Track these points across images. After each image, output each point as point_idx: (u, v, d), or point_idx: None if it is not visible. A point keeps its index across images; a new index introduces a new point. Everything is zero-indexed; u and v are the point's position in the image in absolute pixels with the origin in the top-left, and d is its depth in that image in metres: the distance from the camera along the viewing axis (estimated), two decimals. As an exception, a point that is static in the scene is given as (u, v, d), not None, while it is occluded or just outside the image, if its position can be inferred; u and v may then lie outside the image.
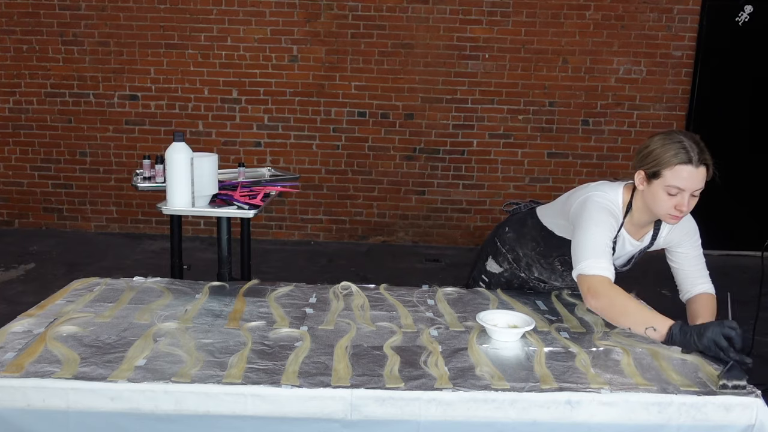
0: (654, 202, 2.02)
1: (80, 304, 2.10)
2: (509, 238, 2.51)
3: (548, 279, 2.46)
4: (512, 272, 2.52)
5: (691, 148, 1.95)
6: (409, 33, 6.00)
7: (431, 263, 5.80)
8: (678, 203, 1.97)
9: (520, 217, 2.52)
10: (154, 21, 5.99)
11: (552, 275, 2.43)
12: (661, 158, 1.97)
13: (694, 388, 1.64)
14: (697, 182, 1.97)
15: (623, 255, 2.24)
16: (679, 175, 1.95)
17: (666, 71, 6.05)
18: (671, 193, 1.97)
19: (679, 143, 1.96)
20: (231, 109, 6.14)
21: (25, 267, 5.24)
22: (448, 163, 6.22)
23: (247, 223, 3.53)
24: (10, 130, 6.22)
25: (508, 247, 2.51)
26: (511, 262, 2.51)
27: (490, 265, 2.58)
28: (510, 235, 2.51)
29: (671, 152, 1.96)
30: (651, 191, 2.02)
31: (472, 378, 1.66)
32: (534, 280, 2.48)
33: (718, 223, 6.26)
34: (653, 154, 1.99)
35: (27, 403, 1.56)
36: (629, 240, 2.19)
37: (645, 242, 2.22)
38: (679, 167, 1.95)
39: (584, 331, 2.02)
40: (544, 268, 2.43)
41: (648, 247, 2.23)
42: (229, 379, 1.61)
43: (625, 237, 2.17)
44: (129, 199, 6.31)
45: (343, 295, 2.27)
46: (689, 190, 1.96)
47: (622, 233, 2.16)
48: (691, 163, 1.94)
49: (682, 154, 1.94)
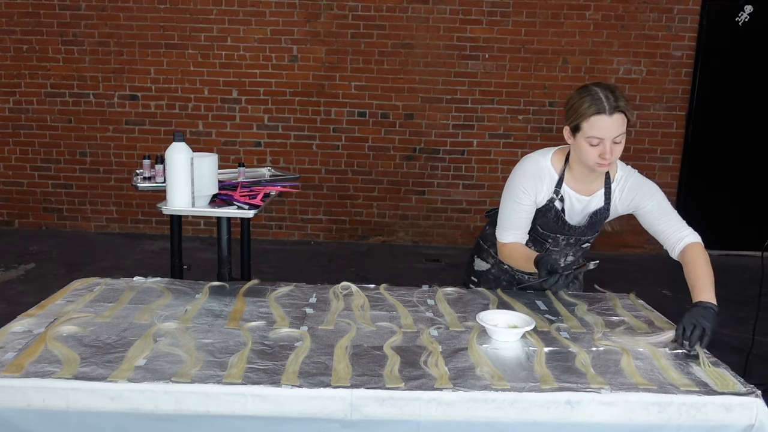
0: (580, 153, 2.11)
1: (80, 304, 2.10)
2: (489, 234, 2.57)
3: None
4: (498, 267, 2.55)
5: (606, 97, 2.01)
6: (409, 33, 6.00)
7: (431, 263, 5.80)
8: (601, 152, 2.05)
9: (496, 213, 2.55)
10: (154, 21, 5.99)
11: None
12: (578, 111, 2.05)
13: (694, 388, 1.64)
14: (615, 130, 2.03)
15: (578, 213, 2.28)
16: (595, 126, 2.03)
17: (666, 71, 6.05)
18: (593, 144, 2.05)
19: (592, 94, 2.03)
20: (231, 109, 6.14)
21: (25, 267, 5.24)
22: (448, 163, 6.22)
23: (247, 223, 3.53)
24: (10, 130, 6.22)
25: (489, 242, 2.56)
26: (494, 256, 2.55)
27: (477, 264, 2.63)
28: (489, 231, 2.57)
29: (585, 104, 2.03)
30: (576, 144, 2.11)
31: (472, 378, 1.66)
32: (518, 272, 2.51)
33: (718, 223, 6.27)
34: (572, 108, 2.08)
35: (27, 403, 1.56)
36: (576, 197, 2.24)
37: (598, 200, 2.25)
38: (594, 118, 2.02)
39: (584, 331, 2.02)
40: None
41: (606, 208, 2.26)
42: (229, 379, 1.61)
43: (571, 194, 2.24)
44: (129, 199, 6.31)
45: (343, 295, 2.27)
46: (608, 138, 2.04)
47: (565, 190, 2.23)
48: (604, 113, 2.01)
49: (594, 105, 2.01)
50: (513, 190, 2.26)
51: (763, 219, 6.04)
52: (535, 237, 2.35)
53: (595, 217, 2.27)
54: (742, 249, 6.07)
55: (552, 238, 2.33)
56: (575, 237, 2.32)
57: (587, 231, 2.31)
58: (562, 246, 2.36)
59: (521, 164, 2.28)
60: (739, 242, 6.09)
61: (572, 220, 2.29)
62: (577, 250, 2.40)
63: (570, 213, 2.27)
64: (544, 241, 2.35)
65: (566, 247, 2.36)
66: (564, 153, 2.24)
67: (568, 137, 2.14)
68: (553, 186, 2.23)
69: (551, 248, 2.37)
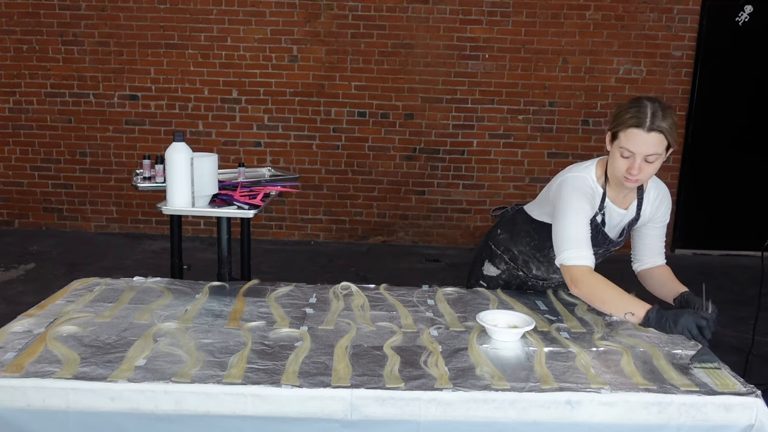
0: (611, 162, 2.07)
1: (80, 304, 2.10)
2: (502, 239, 2.52)
3: (546, 274, 2.46)
4: (510, 272, 2.52)
5: (648, 113, 1.95)
6: (409, 33, 6.00)
7: (431, 263, 5.80)
8: (630, 166, 2.00)
9: (509, 218, 2.54)
10: (154, 21, 5.99)
11: (549, 269, 2.44)
12: (619, 119, 2.01)
13: (694, 388, 1.64)
14: (648, 147, 1.96)
15: (615, 227, 2.26)
16: (629, 138, 1.97)
17: (666, 71, 6.05)
18: (624, 156, 2.01)
19: (638, 107, 1.98)
20: (231, 109, 6.14)
21: (25, 267, 5.24)
22: (448, 163, 6.22)
23: (247, 223, 3.53)
24: (10, 130, 6.22)
25: (503, 248, 2.52)
26: (507, 262, 2.51)
27: (487, 269, 2.58)
28: (503, 236, 2.52)
29: (628, 114, 1.99)
30: (611, 152, 2.07)
31: (472, 378, 1.66)
32: (532, 279, 2.49)
33: (718, 223, 6.28)
34: (617, 115, 2.04)
35: (27, 403, 1.56)
36: (616, 210, 2.21)
37: (632, 212, 2.24)
38: (631, 130, 1.97)
39: (584, 331, 2.02)
40: (541, 263, 2.43)
41: (636, 218, 2.25)
42: (229, 379, 1.61)
43: (611, 207, 2.20)
44: (129, 199, 6.31)
45: (343, 295, 2.27)
46: (640, 155, 1.97)
47: (607, 204, 2.19)
48: (641, 127, 1.95)
49: (636, 117, 1.96)
50: (575, 207, 2.07)
51: (763, 219, 6.04)
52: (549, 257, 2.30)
53: (628, 228, 2.27)
54: (742, 249, 6.07)
55: None
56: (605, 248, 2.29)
57: (619, 243, 2.30)
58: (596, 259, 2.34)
59: (573, 181, 2.13)
60: (739, 242, 6.09)
61: (611, 233, 2.25)
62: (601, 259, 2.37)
63: (609, 226, 2.24)
64: None
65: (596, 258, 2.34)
66: (603, 165, 2.17)
67: (607, 143, 2.09)
68: (599, 202, 2.17)
69: None
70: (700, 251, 6.23)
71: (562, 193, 2.12)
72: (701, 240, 6.24)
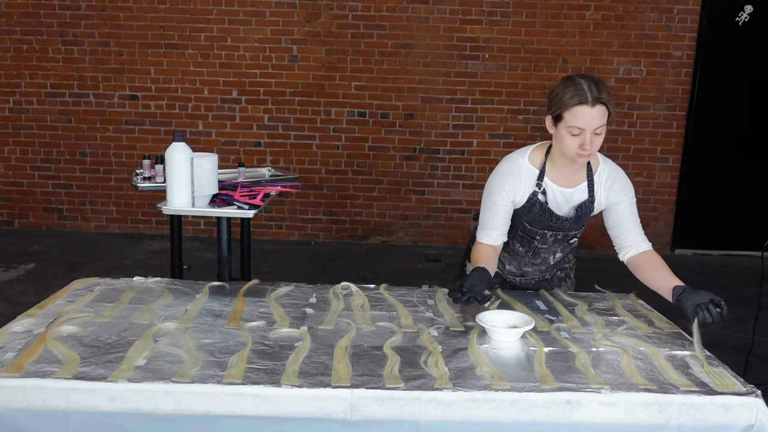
0: (561, 143, 2.13)
1: (80, 304, 2.10)
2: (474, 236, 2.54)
3: (519, 268, 2.49)
4: None
5: (589, 88, 2.03)
6: (409, 33, 6.00)
7: (431, 263, 5.80)
8: (582, 142, 2.07)
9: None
10: (154, 21, 5.99)
11: (521, 263, 2.47)
12: (561, 101, 2.08)
13: (694, 388, 1.64)
14: (596, 121, 2.04)
15: (563, 204, 2.28)
16: (576, 116, 2.04)
17: (666, 71, 6.05)
18: (574, 134, 2.08)
19: (576, 85, 2.05)
20: (231, 109, 6.14)
21: (25, 267, 5.24)
22: (448, 163, 6.22)
23: (247, 223, 3.53)
24: (10, 130, 6.22)
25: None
26: None
27: (468, 268, 2.58)
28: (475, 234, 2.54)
29: (569, 94, 2.06)
30: (558, 134, 2.14)
31: (472, 378, 1.66)
32: (509, 275, 2.53)
33: (718, 224, 6.27)
34: (556, 98, 2.11)
35: (27, 403, 1.56)
36: (558, 190, 2.25)
37: (581, 193, 2.26)
38: (576, 108, 2.04)
39: (584, 331, 2.02)
40: (512, 257, 2.47)
41: (590, 201, 2.26)
42: (229, 379, 1.61)
43: (552, 187, 2.25)
44: (129, 199, 6.31)
45: (343, 295, 2.27)
46: (589, 129, 2.05)
47: (547, 184, 2.25)
48: (587, 103, 2.03)
49: (577, 95, 2.04)
50: (491, 190, 2.29)
51: (763, 219, 6.04)
52: (524, 235, 2.35)
53: (581, 210, 2.28)
54: (742, 249, 6.06)
55: (540, 235, 2.32)
56: (563, 233, 2.32)
57: (574, 225, 2.31)
58: (550, 242, 2.35)
59: (499, 165, 2.31)
60: (739, 242, 6.09)
61: (560, 211, 2.29)
62: (565, 246, 2.39)
63: (553, 206, 2.28)
64: (532, 238, 2.35)
65: (554, 243, 2.36)
66: (544, 148, 2.28)
67: (549, 126, 2.18)
68: (534, 180, 2.25)
69: (539, 246, 2.36)
70: (700, 251, 6.23)
71: (490, 177, 2.33)
72: (701, 240, 6.24)
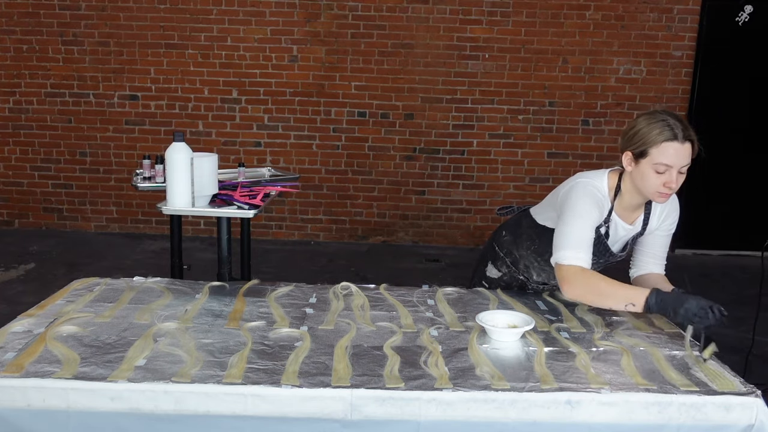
0: (643, 181, 2.06)
1: (80, 304, 2.10)
2: (506, 241, 2.52)
3: (547, 280, 2.46)
4: (511, 275, 2.51)
5: (675, 125, 2.00)
6: (409, 33, 6.00)
7: (431, 263, 5.80)
8: (667, 180, 2.02)
9: (515, 219, 2.53)
10: (154, 21, 5.99)
11: (551, 275, 2.42)
12: (647, 137, 2.02)
13: (694, 388, 1.64)
14: (684, 158, 2.01)
15: (618, 240, 2.26)
16: (665, 152, 1.99)
17: (666, 71, 6.05)
18: (659, 171, 2.01)
19: (663, 121, 2.01)
20: (231, 109, 6.14)
21: (25, 267, 5.24)
22: (448, 163, 6.22)
23: (247, 223, 3.53)
24: (10, 130, 6.22)
25: (505, 250, 2.52)
26: (509, 266, 2.51)
27: (489, 270, 2.58)
28: (507, 238, 2.52)
29: (656, 130, 2.00)
30: (639, 171, 2.06)
31: (472, 378, 1.66)
32: (533, 284, 2.49)
33: (718, 223, 6.27)
34: (639, 133, 2.04)
35: (27, 403, 1.56)
36: (621, 224, 2.22)
37: (637, 226, 2.24)
38: (665, 144, 1.99)
39: (584, 331, 2.02)
40: (542, 269, 2.43)
41: (641, 232, 2.25)
42: (229, 379, 1.61)
43: (617, 222, 2.21)
44: (129, 199, 6.31)
45: (343, 295, 2.27)
46: (676, 167, 2.00)
47: (613, 218, 2.20)
48: (676, 140, 1.99)
49: (667, 131, 1.99)
50: (581, 211, 2.09)
51: (762, 219, 6.03)
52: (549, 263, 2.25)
53: (632, 242, 2.27)
54: (742, 249, 6.07)
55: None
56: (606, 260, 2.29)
57: (621, 256, 2.29)
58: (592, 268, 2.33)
59: (585, 187, 2.13)
60: (739, 242, 6.09)
61: (613, 247, 2.25)
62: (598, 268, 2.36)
63: (612, 239, 2.24)
64: None
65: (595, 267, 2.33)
66: (615, 177, 2.17)
67: (628, 163, 2.08)
68: (606, 213, 2.17)
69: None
70: (700, 251, 6.22)
71: (572, 196, 2.12)
72: (701, 240, 6.24)
